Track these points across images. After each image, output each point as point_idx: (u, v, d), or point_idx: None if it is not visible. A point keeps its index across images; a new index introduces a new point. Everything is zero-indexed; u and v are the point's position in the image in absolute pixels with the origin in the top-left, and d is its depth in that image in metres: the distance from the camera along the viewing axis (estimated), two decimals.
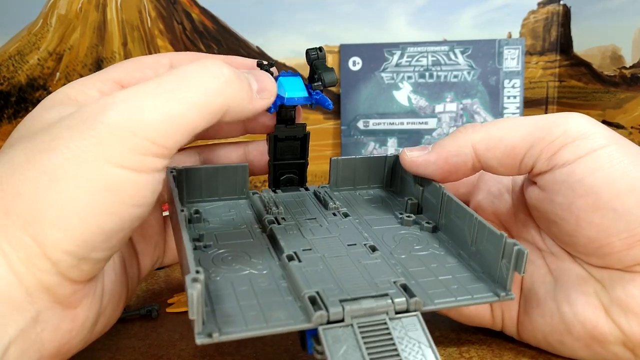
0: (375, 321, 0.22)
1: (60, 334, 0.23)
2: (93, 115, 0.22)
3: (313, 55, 0.31)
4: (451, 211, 0.29)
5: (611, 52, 0.59)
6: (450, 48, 0.66)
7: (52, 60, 0.66)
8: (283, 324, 0.22)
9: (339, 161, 0.34)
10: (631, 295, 0.26)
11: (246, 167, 0.32)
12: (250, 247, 0.28)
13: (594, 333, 0.27)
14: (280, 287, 0.24)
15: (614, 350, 0.27)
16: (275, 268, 0.26)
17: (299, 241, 0.28)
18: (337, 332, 0.21)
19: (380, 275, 0.25)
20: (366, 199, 0.34)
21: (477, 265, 0.26)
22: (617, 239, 0.25)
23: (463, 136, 0.29)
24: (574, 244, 0.27)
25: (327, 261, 0.26)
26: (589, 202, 0.26)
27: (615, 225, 0.25)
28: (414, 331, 0.22)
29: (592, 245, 0.26)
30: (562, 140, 0.27)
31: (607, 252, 0.26)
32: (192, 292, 0.19)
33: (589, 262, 0.28)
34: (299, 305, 0.23)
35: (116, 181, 0.21)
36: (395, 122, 0.67)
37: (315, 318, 0.22)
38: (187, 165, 0.31)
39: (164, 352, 0.32)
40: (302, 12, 0.68)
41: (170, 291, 0.41)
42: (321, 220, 0.31)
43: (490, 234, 0.25)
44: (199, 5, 0.67)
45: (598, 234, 0.26)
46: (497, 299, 0.24)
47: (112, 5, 0.66)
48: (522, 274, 0.24)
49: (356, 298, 0.23)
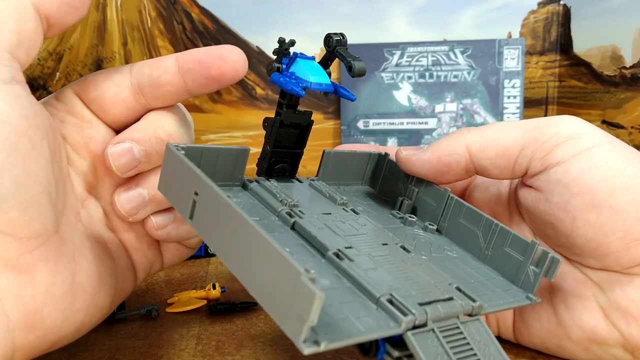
0: (450, 325, 0.22)
1: (23, 301, 0.22)
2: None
3: (337, 40, 0.29)
4: (459, 215, 0.29)
5: (611, 52, 0.59)
6: (450, 48, 0.66)
7: (52, 60, 0.66)
8: (376, 328, 0.20)
9: (331, 154, 0.33)
10: (630, 298, 0.26)
11: (247, 151, 0.29)
12: (284, 243, 0.25)
13: (594, 337, 0.27)
14: (345, 287, 0.22)
15: (613, 353, 0.27)
16: (325, 267, 0.23)
17: (334, 239, 0.26)
18: (424, 338, 0.21)
19: (435, 277, 0.24)
20: (358, 195, 0.33)
21: (492, 268, 0.27)
22: (613, 238, 0.25)
23: (457, 137, 0.29)
24: (570, 246, 0.27)
25: (376, 261, 0.24)
26: (585, 200, 0.26)
27: (611, 224, 0.25)
28: (481, 334, 0.22)
29: (589, 245, 0.26)
30: (555, 140, 0.27)
31: (605, 253, 0.26)
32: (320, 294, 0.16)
33: (586, 264, 0.27)
34: (375, 307, 0.21)
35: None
36: (395, 122, 0.67)
37: (406, 323, 0.20)
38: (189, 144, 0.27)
39: (164, 352, 0.32)
40: (302, 12, 0.68)
41: (170, 291, 0.41)
42: (338, 215, 0.29)
43: (515, 239, 0.26)
44: (199, 5, 0.67)
45: (595, 233, 0.26)
46: (529, 303, 0.25)
47: (112, 5, 0.66)
48: (552, 279, 0.25)
49: (431, 302, 0.22)
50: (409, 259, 0.26)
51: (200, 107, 0.69)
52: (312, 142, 0.33)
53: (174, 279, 0.44)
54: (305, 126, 0.31)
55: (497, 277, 0.26)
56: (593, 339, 0.27)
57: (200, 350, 0.31)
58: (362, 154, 0.34)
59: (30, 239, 0.23)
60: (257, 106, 0.69)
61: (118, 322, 0.36)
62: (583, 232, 0.26)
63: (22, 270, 0.22)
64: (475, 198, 0.33)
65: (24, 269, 0.23)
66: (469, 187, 0.34)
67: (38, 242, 0.23)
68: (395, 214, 0.31)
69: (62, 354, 0.31)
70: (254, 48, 0.67)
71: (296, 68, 0.28)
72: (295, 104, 0.30)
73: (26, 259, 0.23)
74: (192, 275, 0.45)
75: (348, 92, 0.29)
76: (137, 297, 0.40)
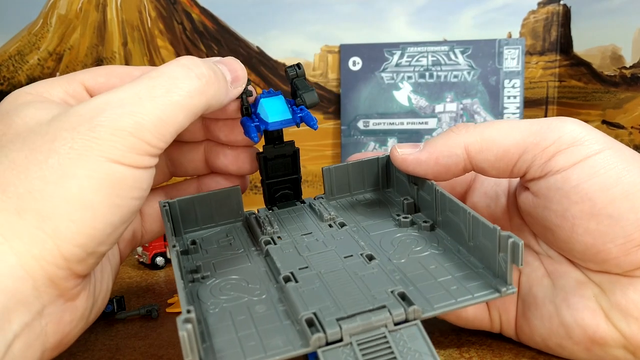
0: (375, 336, 0.22)
1: (62, 326, 0.24)
2: (90, 118, 0.23)
3: (292, 74, 0.31)
4: (446, 207, 0.29)
5: (611, 52, 0.59)
6: (450, 48, 0.66)
7: (52, 61, 0.66)
8: (282, 351, 0.21)
9: (331, 170, 0.34)
10: (631, 300, 0.26)
11: (238, 189, 0.33)
12: (248, 272, 0.28)
13: (595, 337, 0.27)
14: (278, 311, 0.24)
15: (614, 354, 0.27)
16: (273, 291, 0.26)
17: (295, 260, 0.28)
18: (337, 353, 0.21)
19: (377, 286, 0.24)
20: (363, 204, 0.34)
21: (477, 260, 0.26)
22: (613, 245, 0.25)
23: (455, 137, 0.29)
24: (570, 250, 0.27)
25: (323, 278, 0.26)
26: (585, 208, 0.26)
27: (611, 231, 0.25)
28: (415, 341, 0.22)
29: (589, 251, 0.26)
30: (556, 147, 0.26)
31: (605, 258, 0.26)
32: (183, 333, 0.19)
33: (586, 267, 0.27)
34: (297, 328, 0.23)
35: (118, 177, 0.23)
36: (395, 122, 0.67)
37: (313, 341, 0.21)
38: (180, 197, 0.32)
39: (164, 352, 0.32)
40: (302, 12, 0.68)
41: (170, 291, 0.41)
42: (317, 234, 0.30)
43: (484, 228, 0.25)
44: (199, 5, 0.67)
45: (594, 240, 0.26)
46: (499, 295, 0.24)
47: (112, 5, 0.66)
48: (520, 265, 0.23)
49: (352, 315, 0.22)
50: (364, 269, 0.26)
51: None
52: (312, 142, 0.33)
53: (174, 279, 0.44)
54: (292, 154, 0.33)
55: (479, 270, 0.25)
56: (594, 339, 0.27)
57: None
58: (370, 161, 0.34)
59: (84, 276, 0.24)
60: None
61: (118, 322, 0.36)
62: (582, 239, 0.26)
63: (71, 299, 0.24)
64: (475, 202, 0.33)
65: (73, 298, 0.24)
66: (469, 190, 0.34)
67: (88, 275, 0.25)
68: (394, 216, 0.31)
69: (62, 354, 0.31)
70: (254, 48, 0.67)
71: (260, 109, 0.30)
72: (274, 137, 0.32)
73: (77, 290, 0.24)
74: None
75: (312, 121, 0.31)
76: (137, 297, 0.40)
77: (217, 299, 0.26)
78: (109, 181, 0.23)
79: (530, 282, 0.29)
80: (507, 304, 0.30)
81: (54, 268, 0.22)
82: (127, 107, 0.24)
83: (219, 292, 0.26)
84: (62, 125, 0.23)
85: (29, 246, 0.21)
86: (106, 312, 0.37)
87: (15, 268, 0.21)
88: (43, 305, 0.22)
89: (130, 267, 0.48)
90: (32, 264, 0.21)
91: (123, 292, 0.41)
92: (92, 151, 0.22)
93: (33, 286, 0.22)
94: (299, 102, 0.31)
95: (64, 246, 0.22)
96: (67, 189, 0.22)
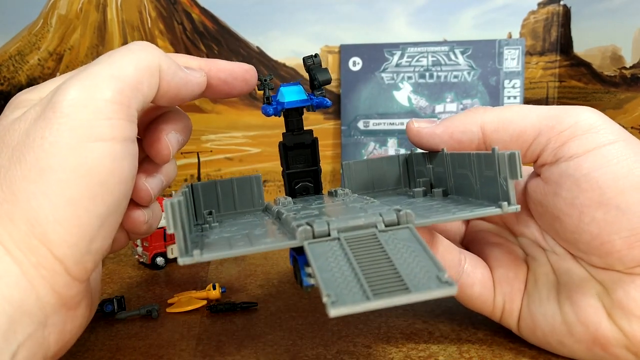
0: (364, 234, 0.21)
1: (64, 335, 0.24)
2: (51, 100, 0.23)
3: (309, 63, 0.33)
4: (455, 164, 0.29)
5: (611, 52, 0.59)
6: (450, 48, 0.66)
7: (52, 61, 0.66)
8: (268, 244, 0.21)
9: (350, 165, 0.35)
10: (633, 298, 0.26)
11: (259, 178, 0.34)
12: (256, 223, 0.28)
13: (597, 335, 0.27)
14: (274, 231, 0.25)
15: (616, 353, 0.27)
16: (274, 226, 0.26)
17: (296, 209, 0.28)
18: (324, 246, 0.21)
19: (375, 208, 0.24)
20: (381, 192, 0.35)
21: (486, 201, 0.26)
22: (618, 237, 0.25)
23: (473, 115, 0.29)
24: (575, 242, 0.27)
25: (322, 209, 0.26)
26: (594, 197, 0.26)
27: (617, 223, 0.25)
28: (407, 241, 0.21)
29: (594, 242, 0.26)
30: (572, 132, 0.27)
31: (609, 251, 0.26)
32: (167, 202, 0.19)
33: (590, 262, 0.28)
34: (288, 237, 0.23)
35: (93, 159, 0.22)
36: (395, 122, 0.67)
37: (299, 233, 0.21)
38: (203, 181, 0.33)
39: (164, 352, 0.32)
40: (302, 12, 0.68)
41: (170, 291, 0.41)
42: (329, 202, 0.31)
43: (486, 158, 0.25)
44: (199, 5, 0.67)
45: (600, 230, 0.26)
46: (500, 210, 0.24)
47: (112, 6, 0.66)
48: (520, 177, 0.23)
49: (345, 219, 0.22)
50: (366, 205, 0.26)
51: (200, 107, 0.69)
52: None
53: (174, 279, 0.44)
54: (311, 144, 0.34)
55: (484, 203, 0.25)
56: (596, 338, 0.27)
57: (200, 351, 0.31)
58: (390, 158, 0.35)
59: (86, 281, 0.24)
60: (257, 106, 0.69)
61: (118, 322, 0.36)
62: (589, 228, 0.26)
63: (72, 307, 0.24)
64: None
65: (74, 307, 0.24)
66: None
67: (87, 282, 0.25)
68: (409, 194, 0.32)
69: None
70: (254, 48, 0.67)
71: (279, 95, 0.33)
72: (293, 127, 0.34)
73: (78, 298, 0.24)
74: (192, 276, 0.45)
75: (325, 101, 0.33)
76: (137, 297, 0.40)
77: (221, 235, 0.26)
78: (85, 167, 0.22)
79: (536, 277, 0.30)
80: (514, 293, 0.30)
81: (53, 274, 0.22)
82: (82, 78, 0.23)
83: (222, 230, 0.27)
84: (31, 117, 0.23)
85: (27, 254, 0.21)
86: (106, 312, 0.37)
87: (19, 278, 0.21)
88: (46, 316, 0.22)
89: (131, 267, 0.48)
90: (32, 273, 0.21)
91: (123, 292, 0.42)
92: (61, 133, 0.22)
93: (37, 296, 0.22)
94: (318, 94, 0.33)
95: (56, 249, 0.22)
96: (47, 186, 0.21)
